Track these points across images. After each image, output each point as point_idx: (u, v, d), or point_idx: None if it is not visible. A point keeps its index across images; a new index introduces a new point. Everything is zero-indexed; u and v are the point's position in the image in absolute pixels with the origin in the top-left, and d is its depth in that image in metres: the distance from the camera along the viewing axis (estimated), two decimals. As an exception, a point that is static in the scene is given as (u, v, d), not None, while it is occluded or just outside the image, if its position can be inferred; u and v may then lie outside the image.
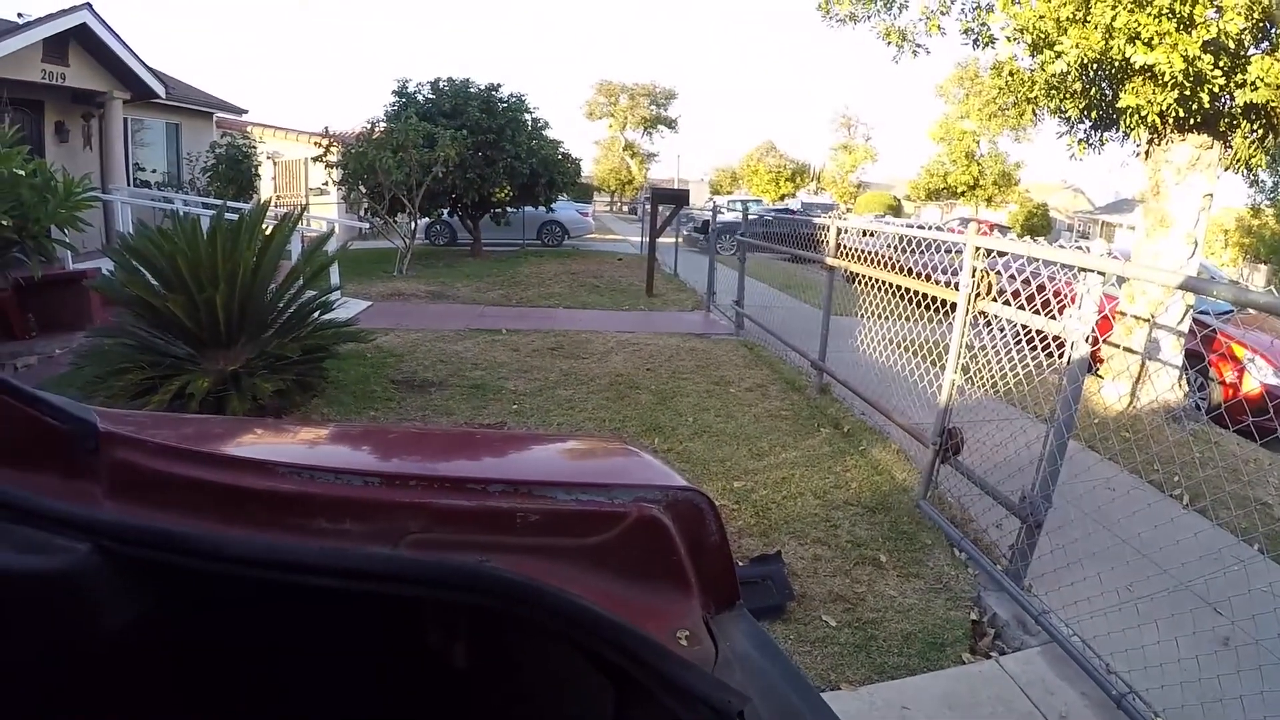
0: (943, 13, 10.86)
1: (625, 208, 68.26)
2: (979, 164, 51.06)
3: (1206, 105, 8.30)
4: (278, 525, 1.08)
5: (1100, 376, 9.35)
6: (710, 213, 18.23)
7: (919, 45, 11.31)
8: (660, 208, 17.36)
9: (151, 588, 1.11)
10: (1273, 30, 7.95)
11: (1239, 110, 8.45)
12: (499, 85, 23.21)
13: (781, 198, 65.54)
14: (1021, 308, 5.09)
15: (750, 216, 14.49)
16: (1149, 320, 8.94)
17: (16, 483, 1.11)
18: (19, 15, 16.24)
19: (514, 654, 1.22)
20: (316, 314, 7.84)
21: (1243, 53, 8.02)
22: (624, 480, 1.21)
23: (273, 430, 1.63)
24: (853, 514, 5.58)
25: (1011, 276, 5.50)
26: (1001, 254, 5.38)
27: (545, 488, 1.13)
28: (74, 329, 9.65)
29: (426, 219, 24.09)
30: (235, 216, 7.55)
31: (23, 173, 7.60)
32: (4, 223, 7.10)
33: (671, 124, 69.60)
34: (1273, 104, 8.05)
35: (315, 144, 22.07)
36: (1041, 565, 4.64)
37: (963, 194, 52.12)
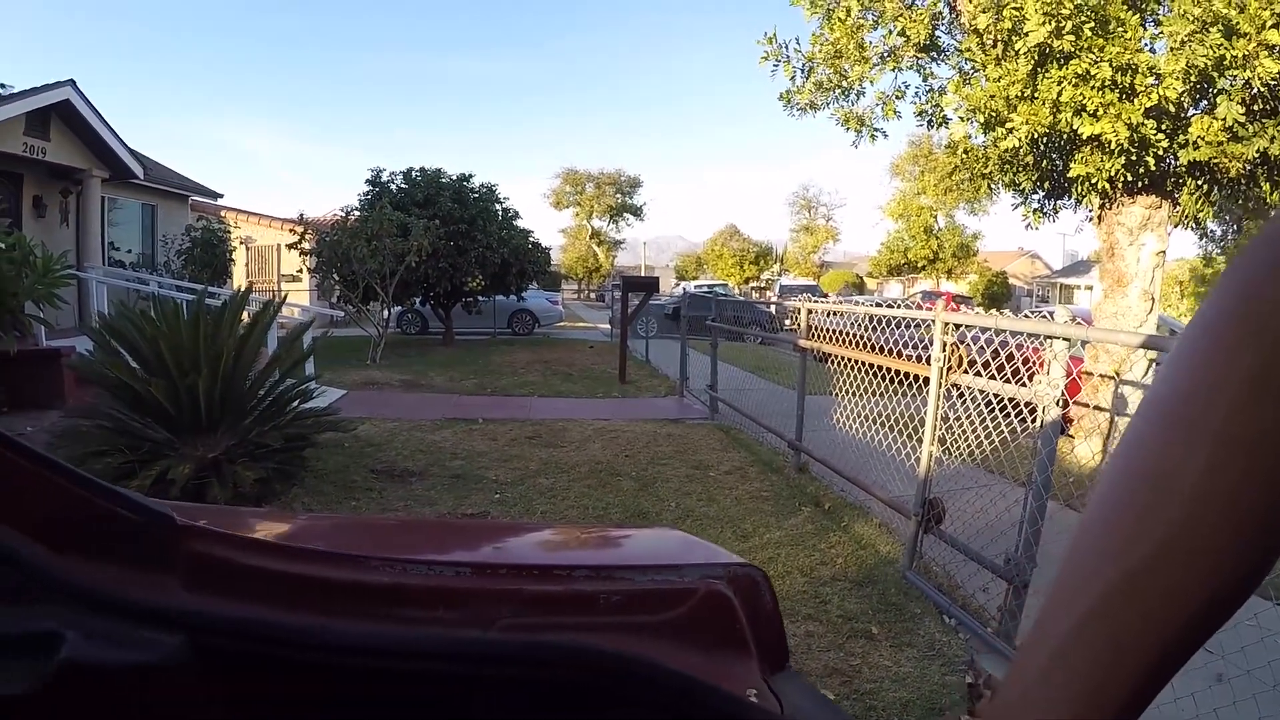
0: (898, 97, 11.24)
1: (593, 295, 68.60)
2: (937, 238, 52.11)
3: (1153, 167, 8.78)
4: (370, 617, 1.11)
5: (1072, 436, 9.47)
6: (679, 299, 18.43)
7: (877, 129, 11.63)
8: (630, 295, 17.49)
9: (242, 681, 1.15)
10: (1210, 90, 8.32)
11: (1183, 169, 8.96)
12: (470, 175, 23.54)
13: (746, 280, 66.21)
14: (992, 377, 5.23)
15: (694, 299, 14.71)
16: (1115, 377, 9.19)
17: (95, 575, 1.14)
18: (1, 86, 16.32)
19: None
20: (296, 402, 7.85)
21: (1183, 115, 8.48)
22: (689, 560, 1.28)
23: (342, 525, 1.66)
24: (841, 589, 5.59)
25: (981, 347, 5.61)
26: (969, 327, 5.54)
27: (624, 570, 1.18)
28: (45, 407, 9.64)
29: (399, 307, 24.18)
30: (213, 301, 7.59)
31: (3, 246, 7.59)
32: None
33: (637, 211, 70.46)
34: (1215, 160, 8.45)
35: (291, 231, 22.21)
36: (1031, 624, 4.66)
37: (923, 268, 53.07)
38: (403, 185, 22.59)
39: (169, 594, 1.13)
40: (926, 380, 5.86)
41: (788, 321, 22.87)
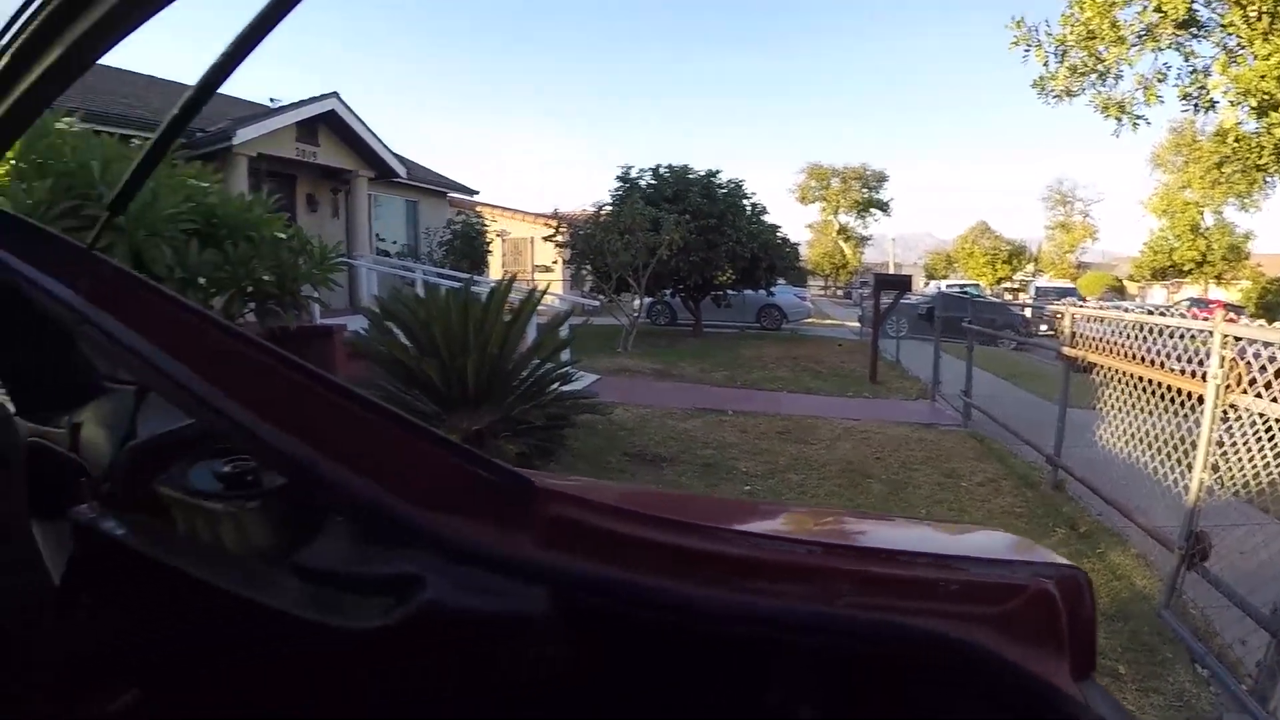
0: (1159, 80, 10.49)
1: (840, 291, 67.67)
2: (1205, 237, 47.85)
3: None
4: (722, 586, 1.16)
5: None
6: (932, 298, 18.03)
7: (1139, 117, 10.92)
8: (882, 293, 17.21)
9: (594, 637, 1.25)
10: None
11: None
12: (717, 171, 23.77)
13: (998, 281, 63.75)
14: (1276, 399, 4.88)
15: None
16: None
17: (458, 530, 1.26)
18: (271, 100, 18.17)
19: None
20: (555, 385, 8.19)
21: None
22: (1020, 557, 1.29)
23: (688, 498, 1.74)
24: (1090, 621, 5.33)
25: (1263, 366, 5.20)
26: (1252, 341, 5.17)
27: (963, 561, 1.20)
28: None
29: (650, 299, 24.52)
30: (476, 290, 8.13)
31: (283, 236, 8.26)
32: (266, 278, 7.68)
33: (884, 206, 69.04)
34: None
35: (545, 225, 22.99)
36: None
37: (1189, 272, 48.87)
38: (651, 181, 23.04)
39: (526, 551, 1.23)
40: (1201, 398, 5.53)
41: (1044, 326, 22.07)
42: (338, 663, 1.36)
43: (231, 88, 15.59)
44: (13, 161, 5.99)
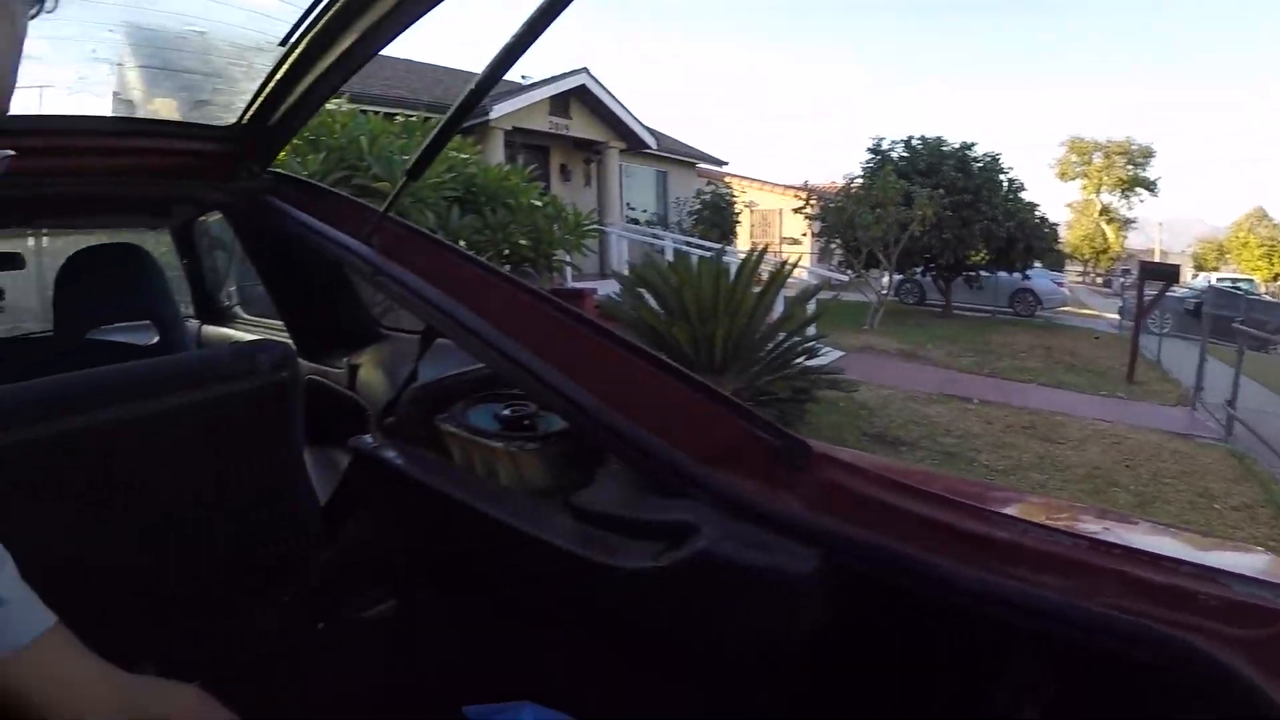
0: None
1: (1099, 279, 64.20)
2: None
3: None
4: (986, 569, 1.13)
5: None
6: (1201, 293, 16.98)
7: None
8: (1147, 285, 16.26)
9: (852, 600, 1.24)
10: None
11: None
12: (972, 144, 23.05)
13: (1275, 277, 59.08)
14: None
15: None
16: None
17: (735, 485, 1.30)
18: (523, 77, 18.93)
19: None
20: (801, 358, 8.14)
21: None
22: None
23: (953, 478, 1.74)
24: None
25: None
26: None
27: (1226, 576, 1.11)
28: None
29: (899, 276, 23.95)
30: (724, 260, 8.31)
31: (538, 204, 8.64)
32: (522, 243, 8.18)
33: (1150, 186, 64.54)
34: None
35: (794, 196, 22.88)
36: None
37: None
38: (904, 154, 22.54)
39: (797, 510, 1.26)
40: None
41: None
42: (606, 599, 1.47)
43: (483, 64, 16.65)
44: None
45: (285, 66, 1.79)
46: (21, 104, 1.89)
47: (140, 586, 1.83)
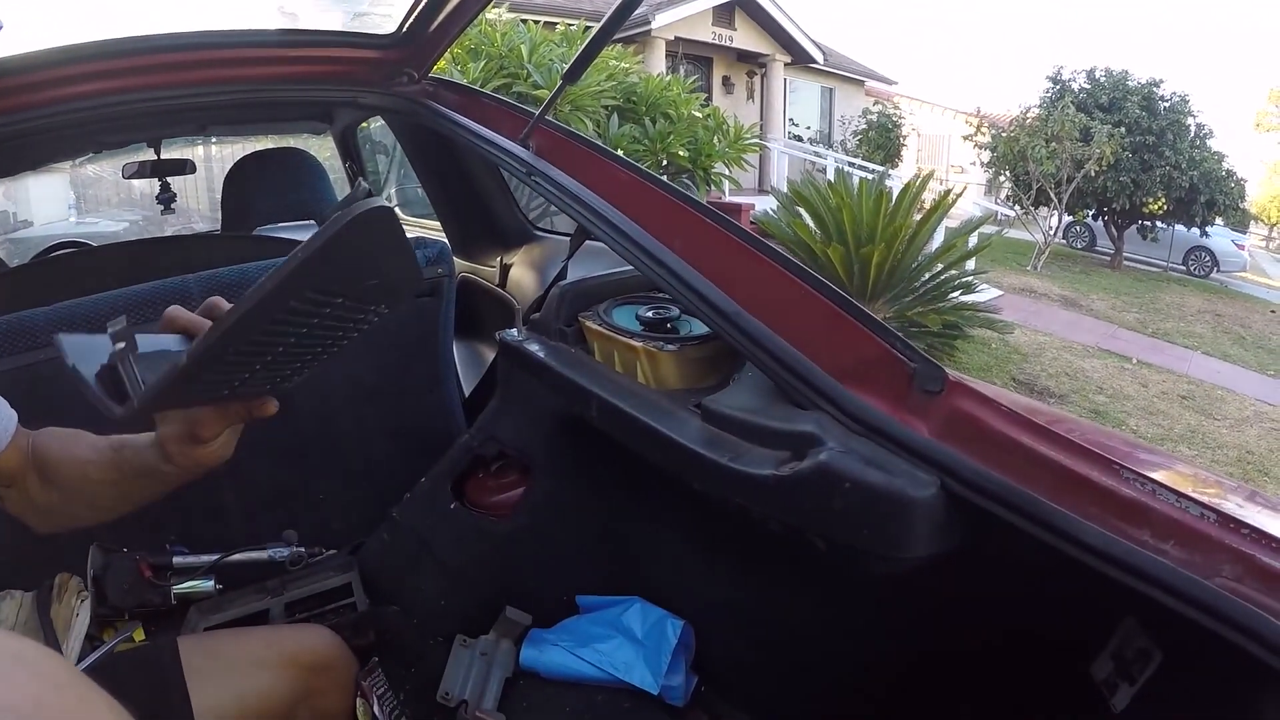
0: None
1: (1287, 246, 60.74)
2: None
3: None
4: (1103, 524, 1.11)
5: None
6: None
7: None
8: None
9: (965, 535, 1.26)
10: None
11: None
12: (1160, 82, 21.37)
13: None
14: None
15: None
16: None
17: (865, 403, 1.33)
18: None
19: None
20: (956, 293, 8.04)
21: None
22: None
23: (1090, 427, 1.73)
24: None
25: None
26: None
27: None
28: None
29: (1070, 217, 22.87)
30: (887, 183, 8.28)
31: (699, 115, 8.65)
32: (681, 153, 8.19)
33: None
34: None
35: (967, 122, 22.21)
36: None
37: None
38: (1085, 86, 21.26)
39: (923, 435, 1.27)
40: None
41: None
42: (727, 502, 1.46)
43: None
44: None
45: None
46: (192, 20, 2.06)
47: (298, 468, 2.01)
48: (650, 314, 1.75)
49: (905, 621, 1.64)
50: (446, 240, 2.91)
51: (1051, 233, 19.57)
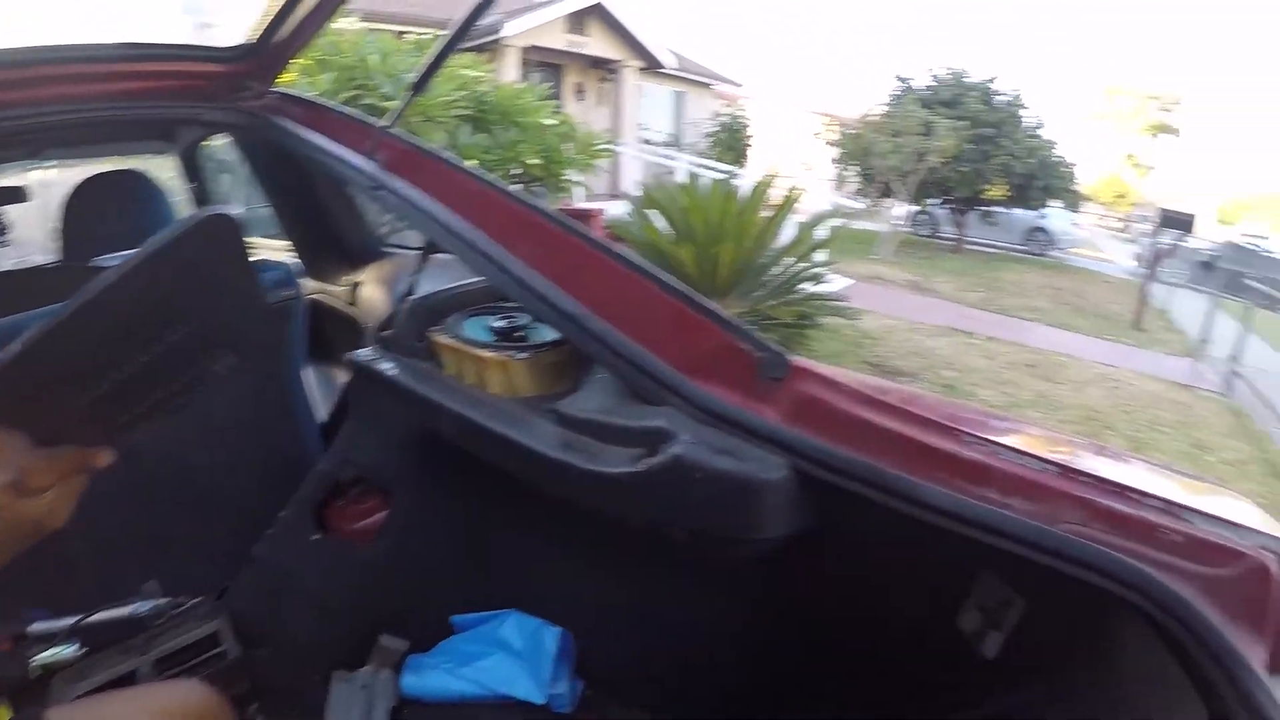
0: None
1: (1117, 224, 63.83)
2: None
3: None
4: (950, 487, 1.18)
5: None
6: (1219, 246, 16.86)
7: None
8: (1163, 232, 16.16)
9: (820, 512, 1.32)
10: None
11: None
12: (995, 79, 22.62)
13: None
14: None
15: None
16: None
17: (713, 394, 1.38)
18: None
19: (1097, 658, 1.30)
20: (806, 284, 8.18)
21: None
22: (1248, 524, 1.23)
23: (933, 398, 1.80)
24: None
25: None
26: None
27: (1190, 512, 1.16)
28: None
29: (914, 207, 23.85)
30: (737, 183, 8.45)
31: (551, 123, 8.66)
32: (533, 162, 8.21)
33: (1176, 134, 64.12)
34: None
35: (814, 121, 22.64)
36: None
37: None
38: (929, 84, 22.22)
39: (772, 420, 1.33)
40: None
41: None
42: (588, 503, 1.50)
43: None
44: (298, 59, 6.53)
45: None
46: (25, 36, 1.94)
47: (152, 513, 1.94)
48: (501, 323, 1.75)
49: (780, 602, 1.71)
50: (296, 261, 2.80)
51: (897, 222, 20.17)
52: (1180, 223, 16.63)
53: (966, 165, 20.58)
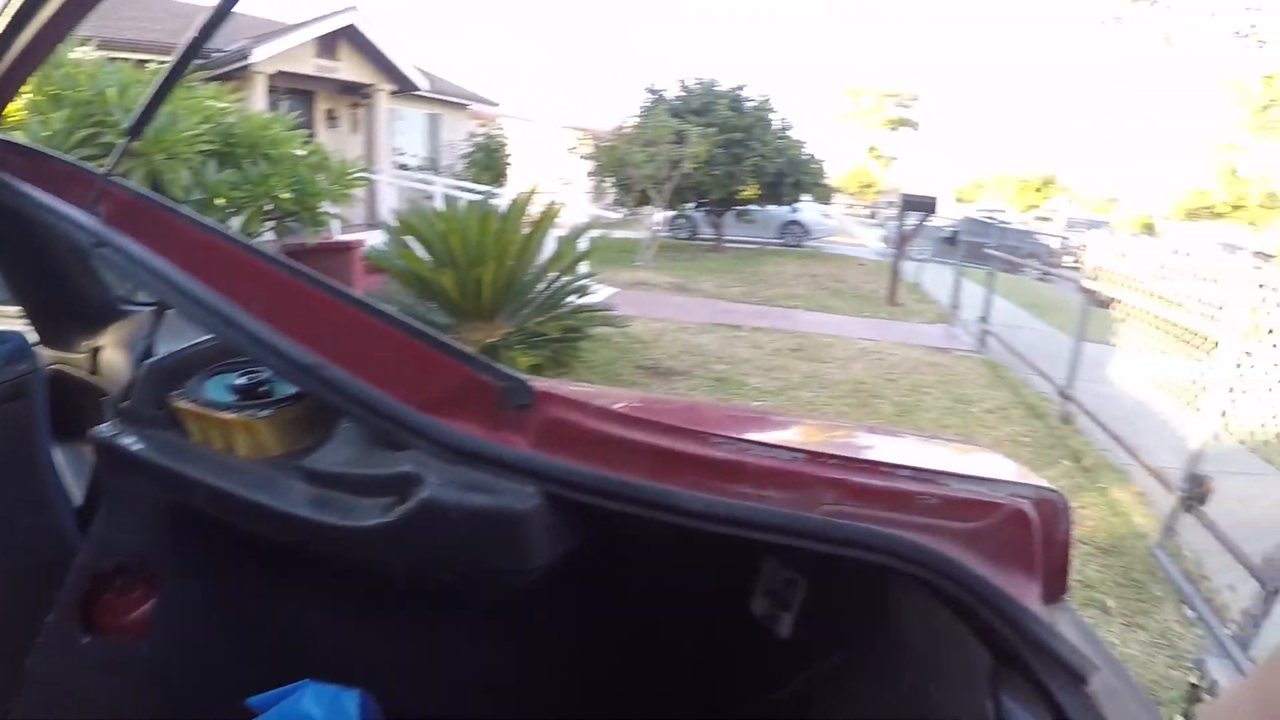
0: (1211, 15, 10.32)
1: (865, 211, 66.98)
2: (1244, 182, 46.96)
3: None
4: (707, 489, 1.23)
5: None
6: (958, 223, 17.90)
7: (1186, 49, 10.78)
8: (907, 215, 17.08)
9: (582, 532, 1.35)
10: None
11: None
12: (744, 86, 23.62)
13: (1028, 208, 62.98)
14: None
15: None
16: None
17: (458, 430, 1.36)
18: (289, 17, 17.93)
19: (887, 622, 1.40)
20: (572, 297, 8.30)
21: None
22: (1000, 476, 1.33)
23: (684, 405, 1.82)
24: (1085, 553, 5.37)
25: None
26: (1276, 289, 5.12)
27: (942, 476, 1.24)
28: None
29: (672, 212, 24.49)
30: (496, 202, 8.34)
31: (302, 153, 8.39)
32: (285, 196, 7.87)
33: (914, 126, 68.15)
34: None
35: (569, 136, 22.82)
36: (1275, 634, 4.30)
37: (1224, 215, 48.07)
38: (680, 94, 22.83)
39: (520, 450, 1.33)
40: (1217, 343, 5.51)
41: (1070, 259, 21.90)
42: (349, 559, 1.48)
43: (250, 6, 15.59)
44: (28, 96, 6.04)
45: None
46: None
47: None
48: (243, 380, 1.65)
49: (577, 626, 1.72)
50: (30, 332, 2.42)
51: (657, 228, 20.48)
52: (923, 205, 17.56)
53: (719, 169, 21.29)
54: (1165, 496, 5.83)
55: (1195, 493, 5.29)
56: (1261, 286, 5.16)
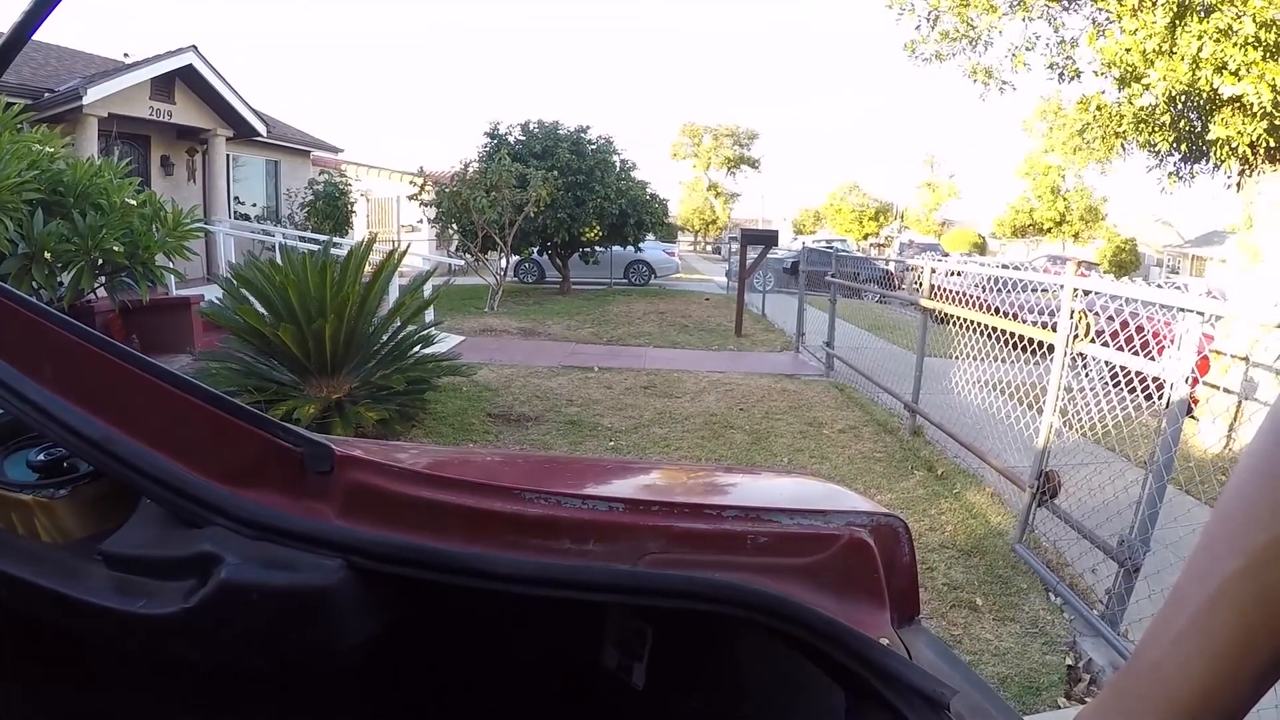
0: (1028, 49, 10.87)
1: (709, 247, 68.38)
2: (1065, 199, 50.57)
3: (1300, 134, 8.17)
4: (523, 547, 1.17)
5: (1195, 418, 8.96)
6: (798, 253, 18.32)
7: (1005, 82, 11.31)
8: (748, 248, 17.39)
9: (395, 604, 1.25)
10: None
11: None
12: (587, 127, 23.79)
13: (865, 236, 65.37)
14: (1120, 349, 5.08)
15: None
16: (1245, 359, 8.54)
17: (257, 503, 1.24)
18: (125, 55, 17.23)
19: (742, 666, 1.34)
20: (417, 347, 8.12)
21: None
22: (835, 507, 1.31)
23: (492, 459, 1.74)
24: (948, 557, 5.52)
25: (1110, 317, 5.42)
26: (1099, 294, 5.38)
27: (772, 513, 1.21)
28: (176, 351, 10.46)
29: (517, 257, 24.48)
30: (337, 252, 8.09)
31: (134, 203, 8.02)
32: (116, 249, 7.47)
33: (754, 164, 70.13)
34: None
35: (411, 183, 22.61)
36: (1139, 610, 4.52)
37: (1049, 230, 51.51)
38: (520, 137, 22.95)
39: (326, 519, 1.23)
40: (1051, 348, 5.71)
41: (907, 280, 22.57)
42: (145, 649, 1.35)
43: (84, 43, 14.87)
44: None
45: None
46: None
47: None
48: (42, 457, 1.52)
49: (420, 702, 1.59)
50: None
51: (503, 273, 20.46)
52: (764, 239, 17.95)
53: (563, 212, 21.38)
54: (1019, 495, 6.01)
55: (1046, 488, 5.47)
56: (1086, 294, 5.39)
